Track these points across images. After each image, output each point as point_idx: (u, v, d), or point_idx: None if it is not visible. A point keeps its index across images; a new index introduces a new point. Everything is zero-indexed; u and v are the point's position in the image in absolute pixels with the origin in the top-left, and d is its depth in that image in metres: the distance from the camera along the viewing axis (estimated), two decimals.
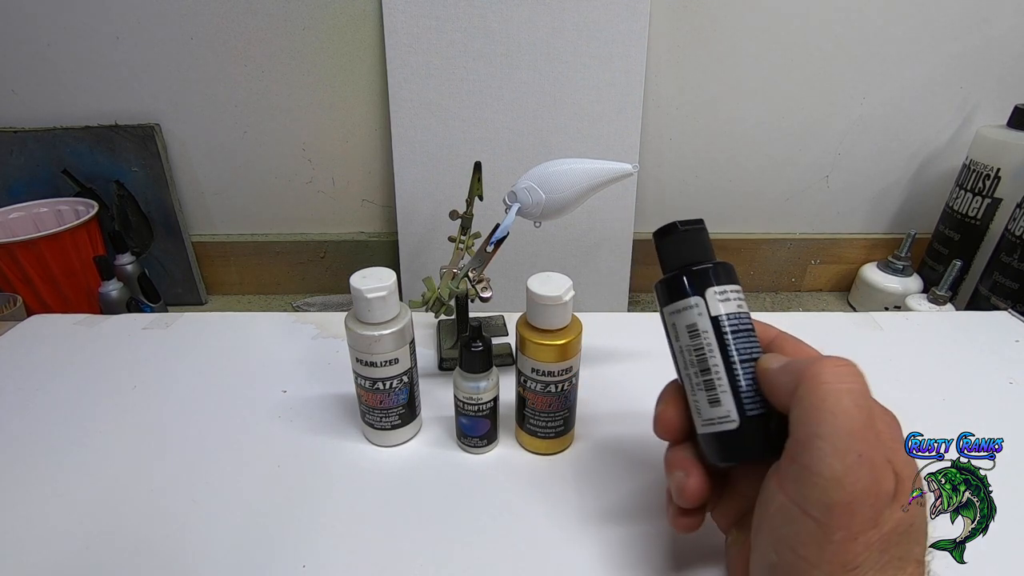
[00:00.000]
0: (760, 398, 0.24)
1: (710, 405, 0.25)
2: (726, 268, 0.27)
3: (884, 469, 0.21)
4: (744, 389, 0.24)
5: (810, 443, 0.21)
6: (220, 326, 0.54)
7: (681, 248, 0.27)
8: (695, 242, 0.27)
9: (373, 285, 0.34)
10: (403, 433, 0.39)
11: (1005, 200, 0.84)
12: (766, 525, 0.22)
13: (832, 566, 0.20)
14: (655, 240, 0.28)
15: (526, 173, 0.42)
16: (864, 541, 0.20)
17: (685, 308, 0.26)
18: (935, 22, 0.85)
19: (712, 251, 0.27)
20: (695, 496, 0.26)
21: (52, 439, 0.40)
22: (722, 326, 0.25)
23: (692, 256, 0.27)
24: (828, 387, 0.21)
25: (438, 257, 0.90)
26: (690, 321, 0.26)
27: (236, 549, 0.32)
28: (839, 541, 0.20)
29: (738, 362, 0.25)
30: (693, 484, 0.26)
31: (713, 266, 0.26)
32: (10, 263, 0.79)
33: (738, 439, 0.24)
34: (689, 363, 0.26)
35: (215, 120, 0.89)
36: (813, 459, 0.20)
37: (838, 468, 0.20)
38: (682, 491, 0.26)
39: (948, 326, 0.55)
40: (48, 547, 0.32)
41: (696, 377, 0.26)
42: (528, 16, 0.79)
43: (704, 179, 0.97)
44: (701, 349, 0.25)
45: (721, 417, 0.25)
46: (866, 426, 0.21)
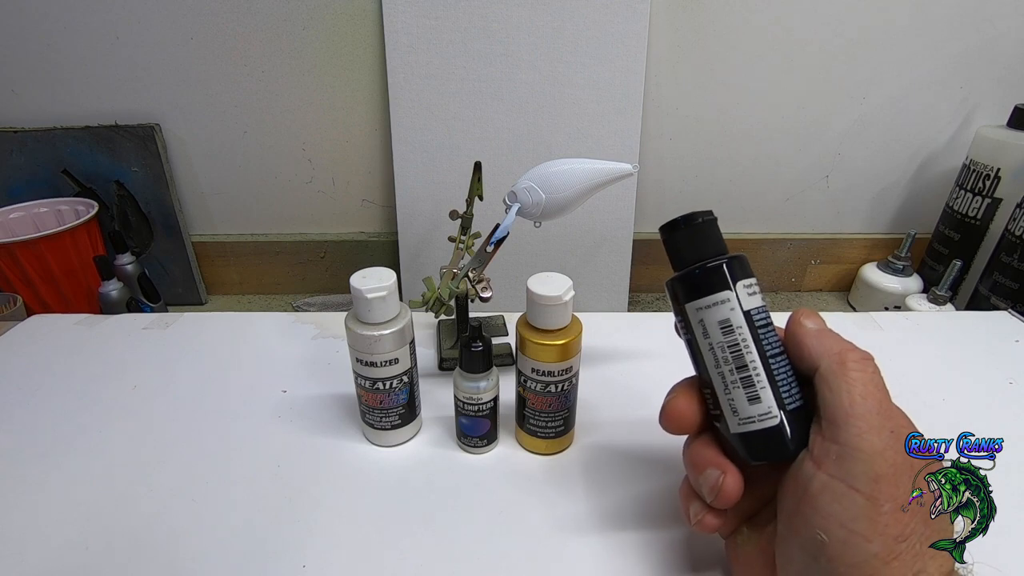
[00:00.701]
0: (795, 391, 0.24)
1: (749, 403, 0.24)
2: (745, 260, 0.26)
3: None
4: (782, 384, 0.24)
5: (847, 423, 0.22)
6: (220, 326, 0.54)
7: (699, 241, 0.26)
8: (713, 234, 0.26)
9: (373, 285, 0.34)
10: (403, 433, 0.39)
11: (1005, 200, 0.84)
12: (807, 508, 0.23)
13: (885, 538, 0.21)
14: (665, 233, 0.27)
15: (526, 173, 0.42)
16: (911, 511, 0.21)
17: (715, 304, 0.25)
18: (935, 22, 0.85)
19: (724, 243, 0.26)
20: (733, 495, 0.26)
21: (52, 439, 0.40)
22: (755, 320, 0.24)
23: (712, 249, 0.26)
24: (855, 373, 0.23)
25: (438, 257, 0.90)
26: (722, 316, 0.25)
27: (236, 549, 0.32)
28: (889, 512, 0.21)
29: (773, 356, 0.24)
30: (731, 483, 0.26)
31: (738, 258, 0.25)
32: (10, 263, 0.79)
33: (779, 435, 0.24)
34: (722, 360, 0.25)
35: (215, 120, 0.89)
36: (852, 436, 0.22)
37: (878, 443, 0.21)
38: (719, 491, 0.26)
39: (948, 326, 0.55)
40: (48, 547, 0.32)
41: (732, 375, 0.25)
42: (528, 16, 0.79)
43: (704, 179, 0.97)
44: (736, 345, 0.24)
45: (762, 414, 0.24)
46: (891, 407, 0.23)
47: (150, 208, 0.93)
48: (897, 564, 0.21)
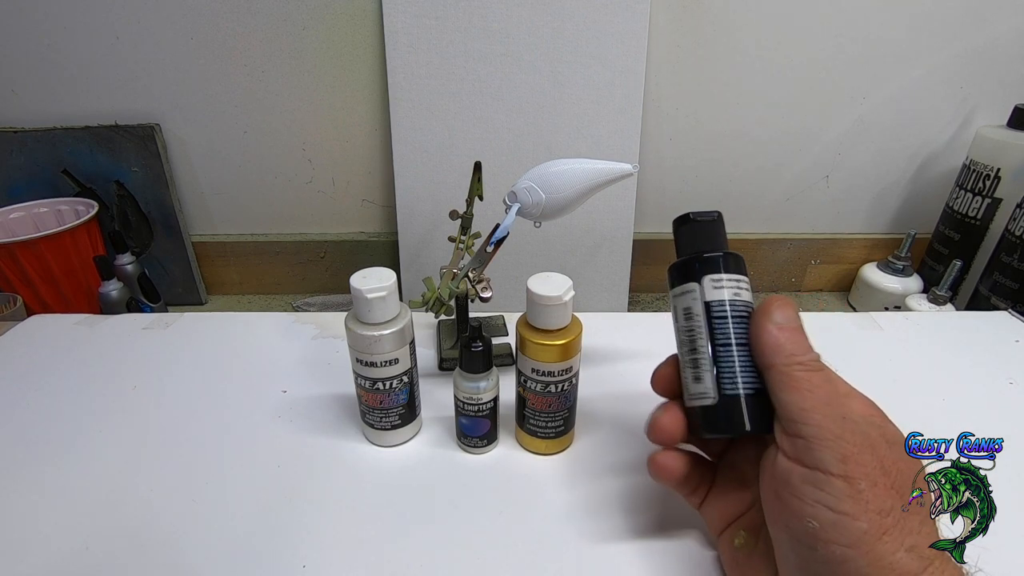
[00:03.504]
0: (746, 378, 0.26)
1: (694, 382, 0.28)
2: (732, 259, 0.28)
3: (862, 423, 0.24)
4: (726, 371, 0.26)
5: (803, 416, 0.24)
6: (220, 326, 0.54)
7: (693, 237, 0.29)
8: (706, 232, 0.29)
9: (373, 285, 0.34)
10: (403, 433, 0.39)
11: (1005, 200, 0.84)
12: (793, 500, 0.24)
13: (870, 513, 0.22)
14: (673, 227, 0.30)
15: (526, 173, 0.42)
16: (884, 485, 0.22)
17: (683, 293, 0.28)
18: (935, 22, 0.85)
19: (724, 241, 0.29)
20: (665, 431, 0.28)
21: (52, 439, 0.40)
22: (712, 311, 0.27)
23: (703, 245, 0.29)
24: (799, 373, 0.25)
25: (438, 257, 0.90)
26: (686, 305, 0.28)
27: (236, 549, 0.32)
28: (866, 488, 0.22)
29: (722, 345, 0.27)
30: (665, 418, 0.29)
31: (718, 256, 0.28)
32: (10, 263, 0.79)
33: (714, 414, 0.27)
34: (682, 342, 0.29)
35: (215, 120, 0.89)
36: (812, 430, 0.23)
37: (835, 429, 0.23)
38: (652, 421, 0.29)
39: (948, 326, 0.55)
40: (48, 547, 0.32)
41: (686, 356, 0.28)
42: (528, 16, 0.79)
43: (704, 179, 0.97)
44: (692, 331, 0.28)
45: (702, 393, 0.27)
46: (835, 393, 0.24)
47: (150, 208, 0.93)
48: (888, 539, 0.22)
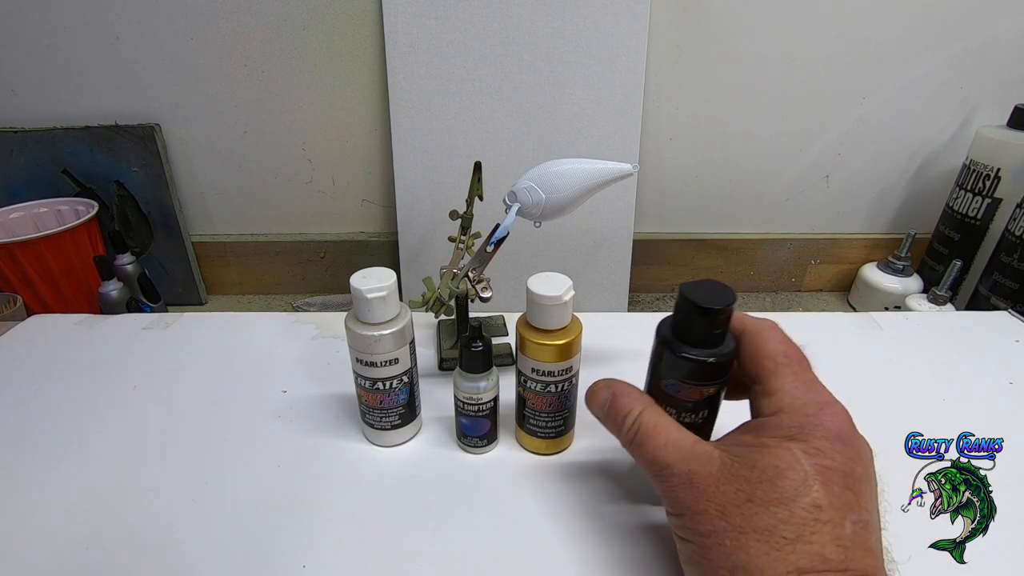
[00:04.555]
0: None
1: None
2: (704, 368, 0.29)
3: None
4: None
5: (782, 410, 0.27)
6: (220, 326, 0.54)
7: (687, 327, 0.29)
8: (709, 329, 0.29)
9: (373, 285, 0.34)
10: (403, 433, 0.39)
11: (1005, 200, 0.84)
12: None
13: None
14: (691, 298, 0.28)
15: (526, 173, 0.42)
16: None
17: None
18: (935, 22, 0.85)
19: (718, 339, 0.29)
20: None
21: (52, 439, 0.40)
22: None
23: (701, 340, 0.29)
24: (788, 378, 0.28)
25: (438, 257, 0.90)
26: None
27: (236, 549, 0.32)
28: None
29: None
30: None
31: (681, 359, 0.28)
32: (10, 263, 0.79)
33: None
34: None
35: (215, 120, 0.89)
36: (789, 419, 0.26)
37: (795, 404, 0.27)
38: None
39: (948, 326, 0.55)
40: (48, 547, 0.32)
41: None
42: (528, 16, 0.79)
43: (704, 179, 0.97)
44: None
45: None
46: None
47: (150, 208, 0.93)
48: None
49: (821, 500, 0.23)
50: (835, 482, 0.23)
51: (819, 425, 0.24)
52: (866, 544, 0.22)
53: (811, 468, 0.23)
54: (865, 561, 0.22)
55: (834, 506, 0.23)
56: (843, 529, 0.22)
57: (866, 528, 0.23)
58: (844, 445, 0.24)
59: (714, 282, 0.28)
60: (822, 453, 0.23)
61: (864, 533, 0.23)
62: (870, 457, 0.25)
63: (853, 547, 0.22)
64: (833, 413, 0.25)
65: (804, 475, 0.23)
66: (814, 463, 0.23)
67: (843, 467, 0.23)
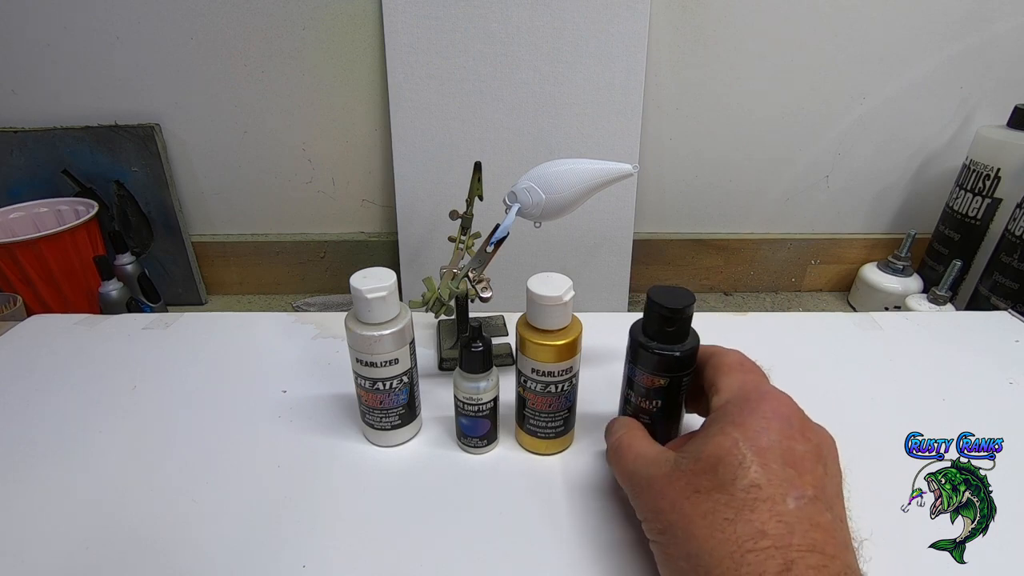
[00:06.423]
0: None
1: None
2: (653, 358, 0.33)
3: None
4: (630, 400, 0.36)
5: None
6: (220, 326, 0.54)
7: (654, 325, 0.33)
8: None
9: (373, 285, 0.34)
10: (403, 433, 0.39)
11: (1005, 200, 0.84)
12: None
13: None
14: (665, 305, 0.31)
15: (526, 173, 0.42)
16: None
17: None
18: (935, 22, 0.85)
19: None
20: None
21: (52, 439, 0.40)
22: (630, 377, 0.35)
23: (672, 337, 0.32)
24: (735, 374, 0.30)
25: (438, 257, 0.90)
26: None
27: (236, 549, 0.32)
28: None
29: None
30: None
31: (651, 354, 0.32)
32: (10, 263, 0.79)
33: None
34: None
35: (215, 120, 0.89)
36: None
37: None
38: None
39: (948, 326, 0.55)
40: (48, 547, 0.32)
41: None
42: (528, 17, 0.79)
43: (704, 179, 0.97)
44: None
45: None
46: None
47: (150, 208, 0.93)
48: None
49: (759, 479, 0.23)
50: (773, 460, 0.24)
51: (758, 409, 0.26)
52: (813, 519, 0.23)
53: (748, 450, 0.24)
54: (811, 535, 0.22)
55: (773, 484, 0.23)
56: (783, 505, 0.23)
57: (812, 503, 0.23)
58: (781, 423, 0.25)
59: (680, 288, 0.32)
60: (759, 433, 0.24)
61: (810, 508, 0.23)
62: (824, 439, 0.26)
63: (796, 522, 0.22)
64: (773, 399, 0.26)
65: (741, 458, 0.24)
66: (751, 445, 0.24)
67: (780, 444, 0.24)
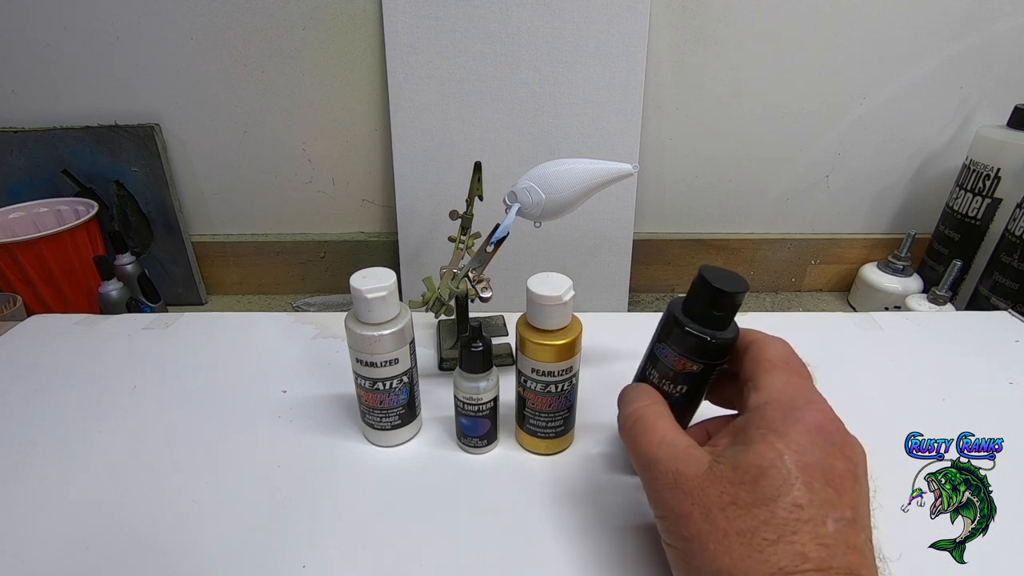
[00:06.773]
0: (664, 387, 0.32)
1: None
2: (681, 339, 0.30)
3: None
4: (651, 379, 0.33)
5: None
6: (220, 326, 0.54)
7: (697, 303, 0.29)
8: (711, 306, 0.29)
9: (373, 285, 0.34)
10: (403, 433, 0.39)
11: (1005, 200, 0.84)
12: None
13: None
14: (716, 286, 0.29)
15: (526, 173, 0.42)
16: None
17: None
18: (935, 22, 0.85)
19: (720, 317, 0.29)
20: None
21: (52, 439, 0.40)
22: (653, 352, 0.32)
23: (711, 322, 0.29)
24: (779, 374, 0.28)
25: (438, 257, 0.90)
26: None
27: (236, 549, 0.32)
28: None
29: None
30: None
31: (682, 334, 0.30)
32: (10, 263, 0.79)
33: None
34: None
35: (215, 120, 0.89)
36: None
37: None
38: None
39: (948, 326, 0.55)
40: (48, 547, 0.32)
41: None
42: (528, 17, 0.79)
43: (704, 179, 0.97)
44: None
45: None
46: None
47: (150, 208, 0.93)
48: None
49: (802, 499, 0.23)
50: (816, 479, 0.23)
51: (801, 419, 0.25)
52: (850, 542, 0.22)
53: (793, 466, 0.23)
54: (848, 558, 0.22)
55: (815, 504, 0.23)
56: (824, 527, 0.22)
57: (850, 525, 0.23)
58: (824, 440, 0.24)
59: (734, 273, 0.29)
60: (804, 449, 0.24)
61: (848, 530, 0.23)
62: (860, 456, 0.25)
63: (835, 545, 0.22)
64: (817, 409, 0.25)
65: (786, 474, 0.23)
66: (797, 460, 0.23)
67: (822, 463, 0.24)
